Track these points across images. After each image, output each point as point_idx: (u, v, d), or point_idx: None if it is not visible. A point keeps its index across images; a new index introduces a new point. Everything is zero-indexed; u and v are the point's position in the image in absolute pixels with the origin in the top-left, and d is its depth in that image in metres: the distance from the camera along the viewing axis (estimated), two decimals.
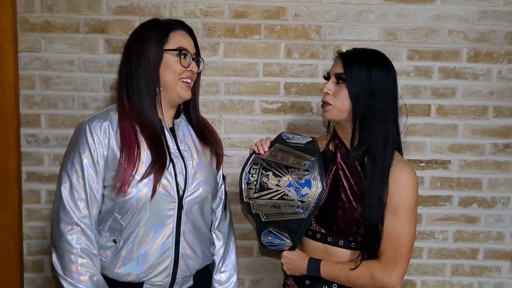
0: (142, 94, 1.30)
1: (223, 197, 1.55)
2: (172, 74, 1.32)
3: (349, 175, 1.35)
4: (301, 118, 1.88)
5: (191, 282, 1.42)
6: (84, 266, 1.24)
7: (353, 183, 1.34)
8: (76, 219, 1.25)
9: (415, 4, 1.84)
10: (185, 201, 1.33)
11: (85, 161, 1.26)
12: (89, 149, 1.26)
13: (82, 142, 1.27)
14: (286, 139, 1.49)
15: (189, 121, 1.45)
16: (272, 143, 1.48)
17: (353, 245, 1.35)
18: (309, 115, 1.88)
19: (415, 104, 1.88)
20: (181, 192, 1.33)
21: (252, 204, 1.41)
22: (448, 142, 1.91)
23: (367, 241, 1.31)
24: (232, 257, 1.55)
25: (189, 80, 1.36)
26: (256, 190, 1.39)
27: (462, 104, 1.89)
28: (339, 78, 1.34)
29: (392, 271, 1.29)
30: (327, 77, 1.39)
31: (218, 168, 1.51)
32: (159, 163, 1.28)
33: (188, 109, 1.45)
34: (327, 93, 1.35)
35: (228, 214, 1.58)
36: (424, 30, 1.85)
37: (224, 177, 1.57)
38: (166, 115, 1.37)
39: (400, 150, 1.41)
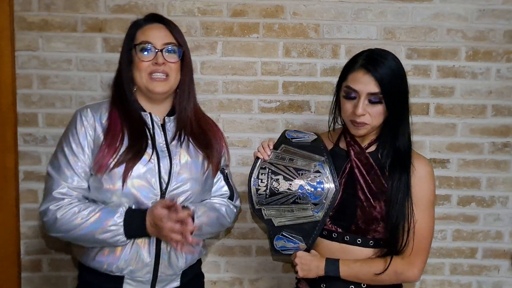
0: (124, 91, 1.37)
1: (227, 193, 1.51)
2: (138, 71, 1.35)
3: (365, 173, 1.33)
4: (300, 117, 1.88)
5: (177, 283, 1.40)
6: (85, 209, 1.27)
7: (369, 181, 1.33)
8: (66, 191, 1.29)
9: (414, 2, 1.83)
10: (168, 195, 1.32)
11: (73, 145, 1.31)
12: (77, 134, 1.31)
13: (71, 129, 1.33)
14: (291, 138, 1.45)
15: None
16: (278, 144, 1.44)
17: (371, 242, 1.34)
18: (308, 114, 1.88)
19: (414, 103, 1.87)
20: (164, 186, 1.32)
21: (264, 210, 1.38)
22: (446, 141, 1.90)
23: (390, 238, 1.31)
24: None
25: (159, 75, 1.34)
26: (267, 196, 1.36)
27: (460, 103, 1.89)
28: (374, 98, 1.28)
29: (414, 265, 1.31)
30: (351, 95, 1.30)
31: (213, 174, 1.46)
32: (133, 152, 1.30)
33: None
34: (363, 114, 1.29)
35: (234, 207, 1.52)
36: (423, 29, 1.85)
37: (223, 171, 1.51)
38: (156, 111, 1.40)
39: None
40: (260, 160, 1.40)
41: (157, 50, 1.33)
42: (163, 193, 1.32)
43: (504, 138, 1.90)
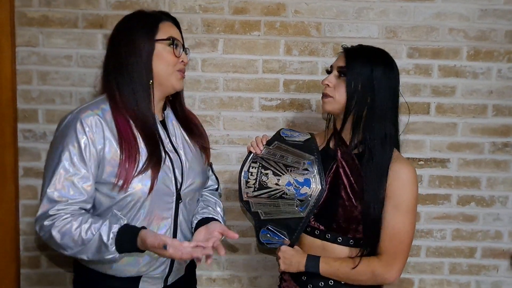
0: (135, 87, 1.26)
1: (215, 185, 1.57)
2: (166, 65, 1.29)
3: (349, 172, 1.34)
4: (300, 115, 1.88)
5: (183, 272, 1.43)
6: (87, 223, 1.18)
7: (353, 181, 1.33)
8: (62, 207, 1.19)
9: (416, 1, 1.83)
10: (183, 193, 1.33)
11: (74, 158, 1.19)
12: (79, 144, 1.19)
13: (71, 139, 1.20)
14: (285, 136, 1.48)
15: (175, 113, 1.43)
16: (271, 141, 1.47)
17: (351, 242, 1.35)
18: (308, 112, 1.88)
19: (415, 102, 1.87)
20: (179, 185, 1.32)
21: (251, 202, 1.42)
22: (447, 141, 1.90)
23: (367, 239, 1.32)
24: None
25: (182, 72, 1.35)
26: (256, 189, 1.39)
27: (461, 102, 1.89)
28: (340, 71, 1.34)
29: (392, 267, 1.31)
30: (330, 71, 1.39)
31: (208, 161, 1.49)
32: (155, 158, 1.26)
33: (173, 101, 1.43)
34: (328, 85, 1.36)
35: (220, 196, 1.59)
36: (425, 28, 1.84)
37: (210, 164, 1.56)
38: (156, 108, 1.33)
39: (398, 149, 1.41)
40: (252, 154, 1.44)
41: (185, 49, 1.34)
42: (178, 192, 1.32)
43: (504, 138, 1.91)
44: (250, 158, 1.44)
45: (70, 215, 1.19)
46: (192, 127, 1.45)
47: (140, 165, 1.24)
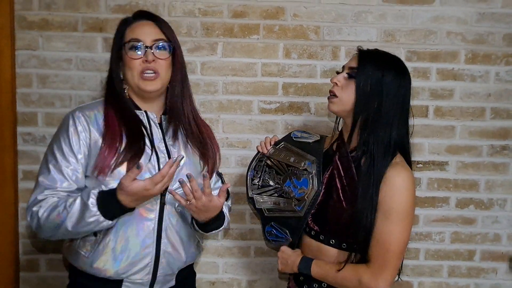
0: (117, 90, 1.35)
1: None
2: (129, 70, 1.32)
3: (343, 175, 1.33)
4: (299, 119, 1.88)
5: (173, 282, 1.40)
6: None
7: (345, 183, 1.32)
8: (50, 192, 1.26)
9: (414, 5, 1.84)
10: (168, 196, 1.30)
11: (65, 149, 1.27)
12: (69, 138, 1.27)
13: (62, 134, 1.29)
14: (294, 137, 1.53)
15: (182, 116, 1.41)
16: (279, 141, 1.53)
17: (344, 245, 1.33)
18: (307, 115, 1.88)
19: (413, 105, 1.84)
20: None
21: (256, 199, 1.48)
22: (445, 144, 1.91)
23: (357, 244, 1.29)
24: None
25: (149, 72, 1.30)
26: (259, 186, 1.48)
27: (459, 105, 1.89)
28: (351, 72, 1.32)
29: (379, 276, 1.26)
30: (341, 72, 1.37)
31: (210, 175, 1.43)
32: (134, 150, 1.27)
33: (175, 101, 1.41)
34: (336, 84, 1.34)
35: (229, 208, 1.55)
36: (423, 32, 1.85)
37: (220, 174, 1.54)
38: (151, 108, 1.38)
39: (408, 156, 1.35)
40: (259, 153, 1.54)
41: (146, 47, 1.30)
42: (163, 194, 1.30)
43: (502, 141, 1.91)
44: (257, 157, 1.53)
45: (57, 197, 1.25)
46: (196, 136, 1.42)
47: (121, 157, 1.26)
